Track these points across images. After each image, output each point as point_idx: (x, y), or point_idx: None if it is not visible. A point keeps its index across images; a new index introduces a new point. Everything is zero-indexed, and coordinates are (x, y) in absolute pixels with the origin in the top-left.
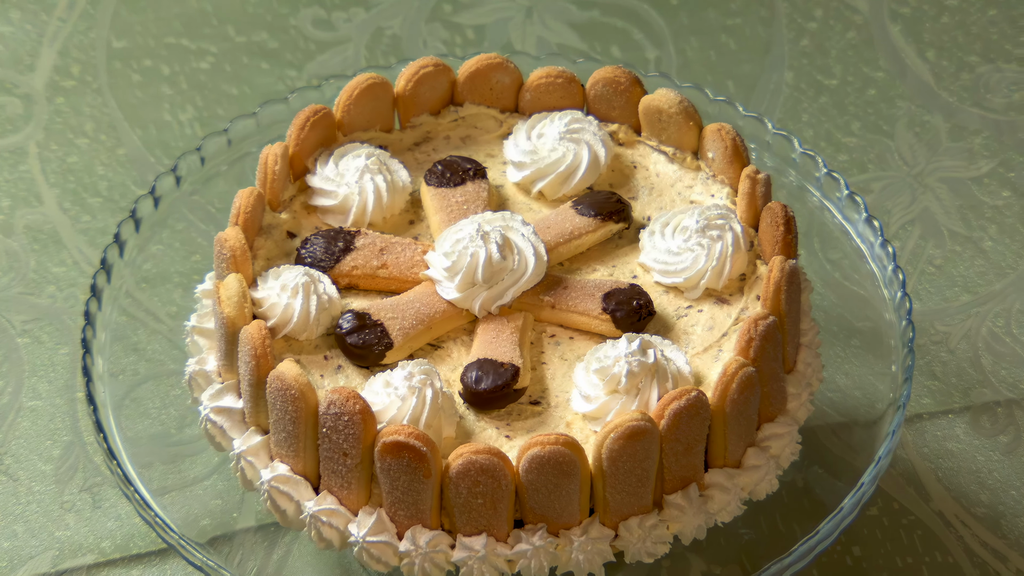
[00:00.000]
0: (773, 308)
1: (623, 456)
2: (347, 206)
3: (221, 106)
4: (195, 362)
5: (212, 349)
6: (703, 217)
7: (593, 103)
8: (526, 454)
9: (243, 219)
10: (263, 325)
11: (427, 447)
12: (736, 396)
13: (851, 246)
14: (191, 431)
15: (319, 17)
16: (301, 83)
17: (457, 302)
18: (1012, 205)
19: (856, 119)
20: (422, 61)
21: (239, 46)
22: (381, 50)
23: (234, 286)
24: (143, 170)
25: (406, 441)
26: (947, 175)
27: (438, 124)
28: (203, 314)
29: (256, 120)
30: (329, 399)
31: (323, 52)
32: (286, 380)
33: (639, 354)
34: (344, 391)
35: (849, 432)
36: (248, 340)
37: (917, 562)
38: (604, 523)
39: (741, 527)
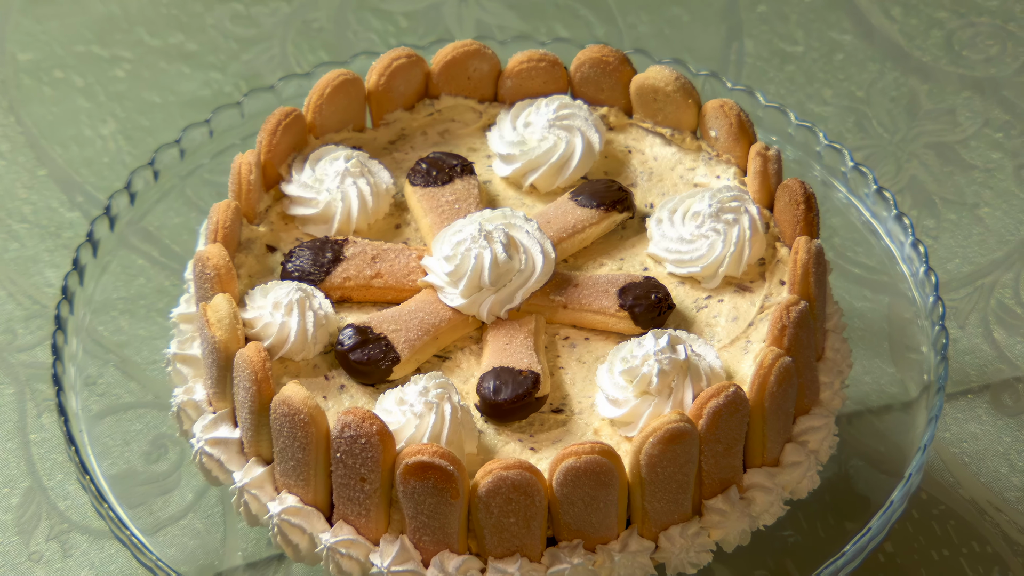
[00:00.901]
0: (803, 292)
1: (663, 461)
2: (330, 213)
3: (145, 116)
4: (182, 392)
5: (198, 377)
6: (715, 200)
7: (579, 86)
8: (560, 466)
9: (222, 234)
10: (261, 347)
11: (454, 466)
12: (775, 389)
13: (880, 246)
14: (158, 468)
15: (237, 13)
16: (228, 86)
17: (463, 308)
18: (1004, 167)
19: (827, 86)
20: (394, 53)
21: (155, 50)
22: (309, 45)
23: (224, 307)
24: (69, 190)
25: (431, 461)
26: (932, 140)
27: (413, 119)
28: (184, 340)
29: (208, 127)
30: (343, 421)
31: (247, 51)
32: (294, 404)
33: (669, 351)
34: (358, 412)
35: (878, 420)
36: (247, 364)
37: (954, 554)
38: (643, 535)
39: (783, 529)
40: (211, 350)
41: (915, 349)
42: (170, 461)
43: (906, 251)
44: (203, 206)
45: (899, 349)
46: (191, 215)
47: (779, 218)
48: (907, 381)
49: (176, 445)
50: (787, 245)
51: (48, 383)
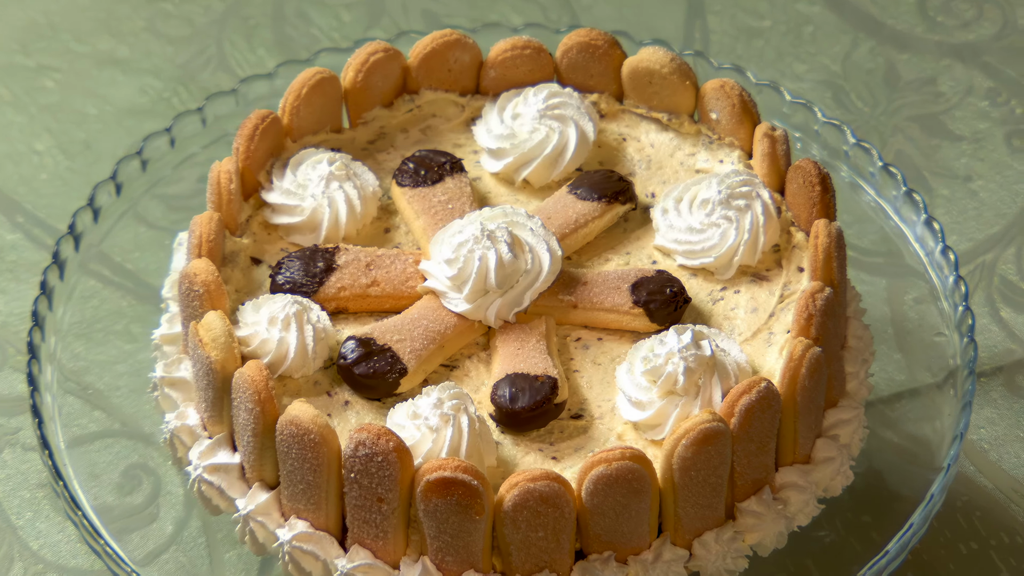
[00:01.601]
0: (826, 278)
1: (696, 464)
2: (316, 221)
3: (81, 128)
4: (175, 417)
5: (189, 401)
6: (725, 186)
7: (566, 73)
8: (589, 475)
9: (207, 248)
10: (262, 365)
11: (478, 480)
12: (807, 382)
13: (878, 226)
14: (133, 500)
15: (167, 13)
16: (167, 92)
17: (468, 314)
18: (993, 136)
19: (799, 61)
20: (370, 47)
21: (84, 57)
22: (248, 43)
23: (218, 325)
24: (8, 211)
25: (454, 477)
26: (915, 112)
27: (392, 117)
28: (170, 363)
29: (169, 137)
30: (357, 439)
31: (181, 52)
32: (302, 424)
33: (693, 347)
34: (372, 428)
35: (889, 409)
36: (248, 384)
37: (983, 547)
38: (676, 543)
39: (817, 529)
40: (206, 371)
41: (924, 332)
42: (145, 492)
43: (918, 230)
44: (152, 220)
45: (903, 334)
46: (139, 230)
47: (792, 201)
48: (915, 367)
49: (150, 475)
50: (803, 230)
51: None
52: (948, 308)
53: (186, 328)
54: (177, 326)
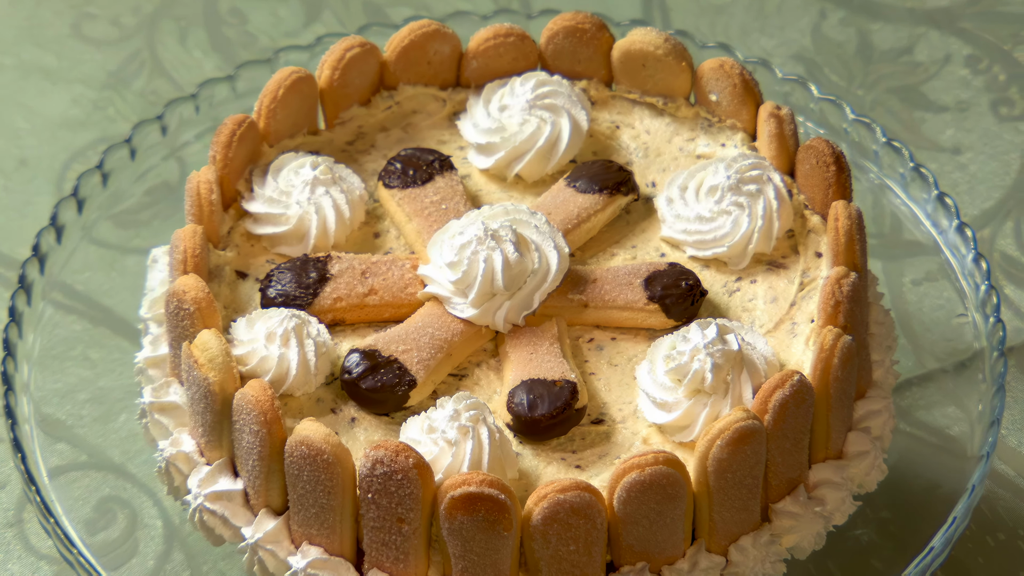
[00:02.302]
0: (848, 262)
1: (732, 465)
2: (303, 229)
3: (14, 144)
4: (169, 444)
5: (182, 426)
6: (734, 171)
7: (552, 60)
8: (622, 482)
9: (193, 264)
10: (266, 384)
11: (505, 494)
12: (839, 373)
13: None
14: (109, 536)
15: (91, 17)
16: (102, 102)
17: (475, 319)
18: (978, 104)
19: (765, 36)
20: (346, 43)
21: (8, 68)
22: (183, 45)
23: (214, 344)
24: None
25: (480, 492)
26: (893, 84)
27: (371, 115)
28: (158, 387)
29: (129, 148)
30: (374, 457)
31: (112, 58)
32: (314, 444)
33: (719, 342)
34: (390, 445)
35: (899, 397)
36: (253, 405)
37: (1011, 537)
38: (711, 549)
39: (853, 527)
40: (203, 394)
41: (924, 315)
42: (121, 527)
43: (930, 207)
44: (99, 238)
45: (905, 317)
46: (89, 249)
47: (804, 183)
48: (921, 353)
49: (124, 507)
50: (818, 212)
51: None
52: (968, 287)
53: (174, 349)
54: (162, 348)
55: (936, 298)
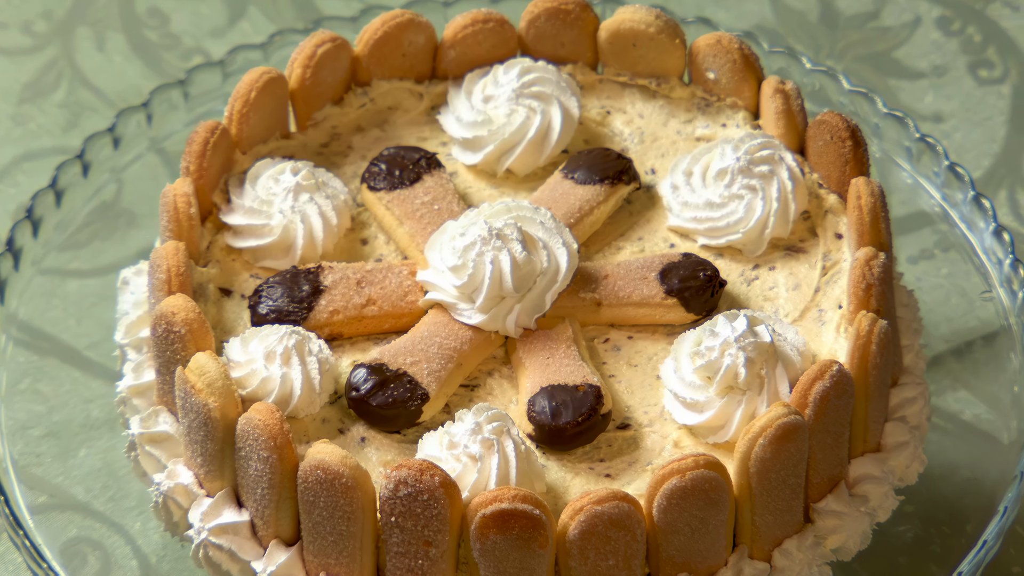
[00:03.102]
0: (875, 241)
1: (776, 465)
2: (289, 240)
3: None
4: (165, 477)
5: (176, 457)
6: (743, 152)
7: (533, 44)
8: (661, 489)
9: (178, 283)
10: (273, 407)
11: (540, 510)
12: (878, 360)
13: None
14: None
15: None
16: (21, 117)
17: (484, 325)
18: (955, 67)
19: (720, 8)
20: (315, 38)
21: None
22: (103, 51)
23: (211, 367)
24: None
25: (513, 508)
26: (862, 52)
27: (344, 114)
28: (146, 417)
29: (81, 164)
30: (396, 478)
31: (26, 68)
32: (331, 468)
33: (750, 335)
34: (413, 464)
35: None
36: (261, 430)
37: None
38: (755, 556)
39: (897, 524)
40: (203, 421)
41: (922, 294)
42: (94, 569)
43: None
44: (36, 261)
45: (903, 295)
46: (27, 273)
47: (817, 161)
48: (925, 335)
49: (96, 548)
50: (834, 191)
51: None
52: (989, 264)
53: (163, 376)
54: (146, 375)
55: (934, 276)
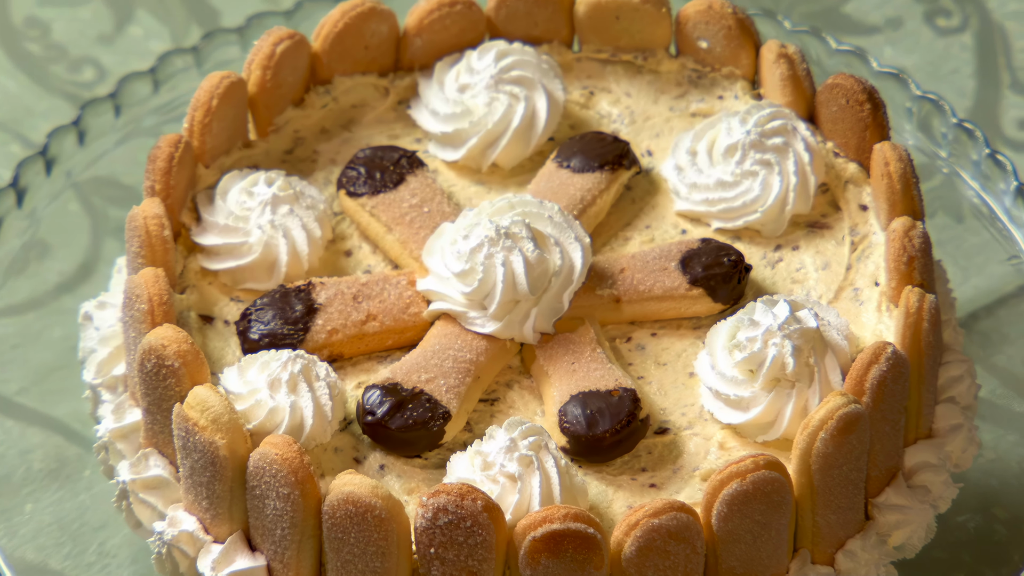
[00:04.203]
0: (909, 209)
1: (838, 460)
2: (271, 257)
3: None
4: (167, 525)
5: (174, 502)
6: (752, 124)
7: (504, 26)
8: (720, 495)
9: (163, 312)
10: (290, 440)
11: (594, 528)
12: (931, 337)
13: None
14: None
15: None
16: None
17: (499, 333)
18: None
19: None
20: (273, 37)
21: None
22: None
23: (214, 401)
24: None
25: (564, 528)
26: (810, 9)
27: (306, 117)
28: (136, 462)
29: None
30: (435, 506)
31: None
32: (362, 500)
33: (794, 322)
34: (452, 488)
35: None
36: (280, 465)
37: None
38: (817, 560)
39: (957, 513)
40: (209, 461)
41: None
42: None
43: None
44: None
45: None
46: None
47: (831, 129)
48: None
49: None
50: (853, 159)
51: None
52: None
53: (153, 415)
54: (129, 416)
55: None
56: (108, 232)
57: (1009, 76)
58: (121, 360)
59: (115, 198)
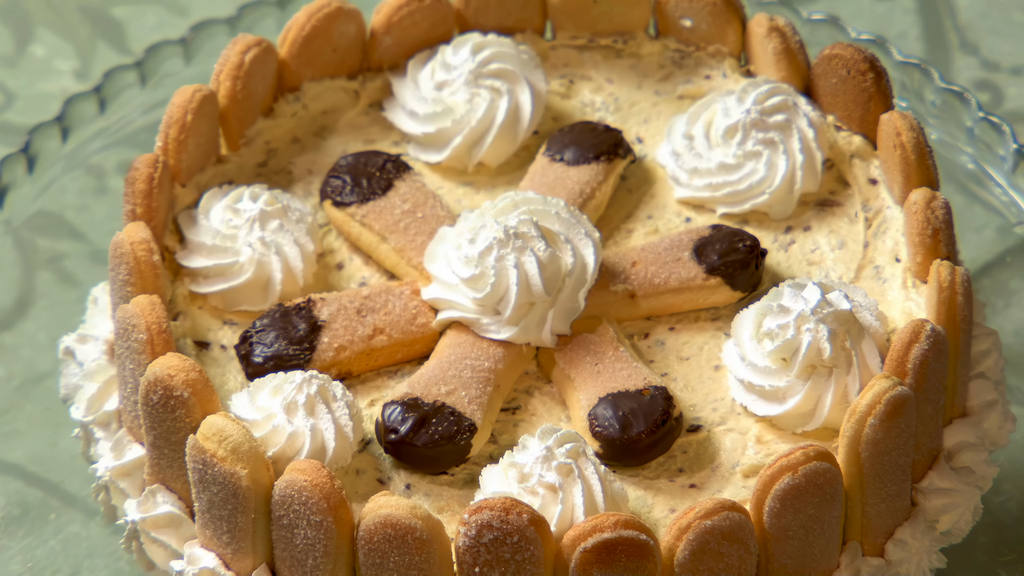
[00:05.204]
0: (925, 180)
1: (888, 445)
2: (264, 276)
3: None
4: (185, 563)
5: (189, 539)
6: (751, 103)
7: (475, 18)
8: (772, 491)
9: (163, 341)
10: (319, 465)
11: (646, 534)
12: (966, 311)
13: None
14: None
15: None
16: None
17: (515, 338)
18: None
19: None
20: (240, 45)
21: None
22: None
23: (232, 429)
24: None
25: (616, 537)
26: None
27: (277, 127)
28: (144, 500)
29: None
30: (479, 522)
31: None
32: (401, 522)
33: (826, 305)
34: (495, 503)
35: None
36: (311, 492)
37: None
38: (868, 552)
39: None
40: (230, 493)
41: None
42: None
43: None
44: None
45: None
46: None
47: (832, 102)
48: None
49: None
50: (857, 132)
51: None
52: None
53: (159, 449)
54: (130, 453)
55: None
56: (39, 264)
57: (957, 37)
58: (112, 394)
59: (43, 228)
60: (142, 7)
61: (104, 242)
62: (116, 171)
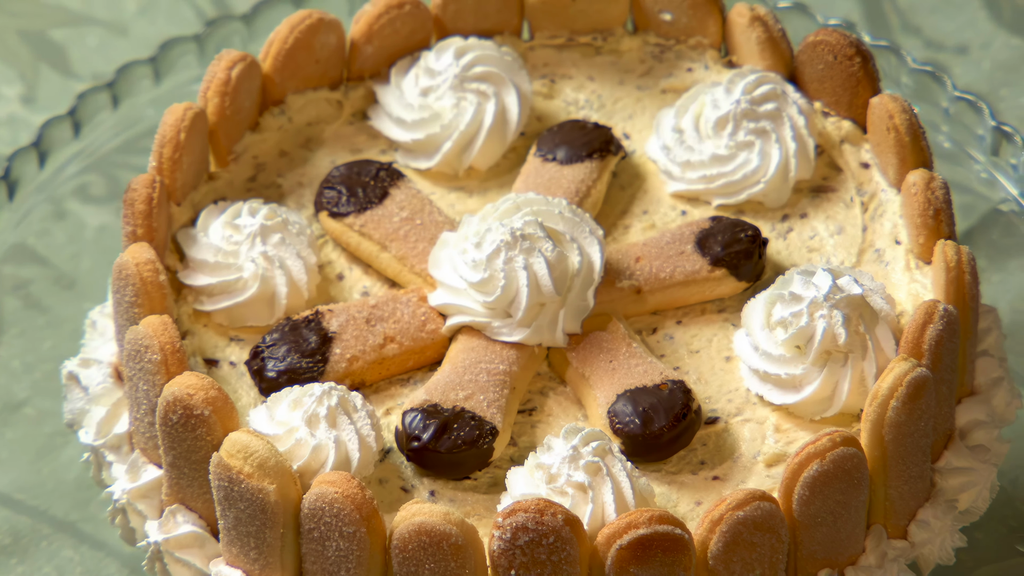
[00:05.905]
0: (920, 161)
1: (910, 428)
2: (269, 291)
3: None
4: None
5: (214, 557)
6: (740, 93)
7: (453, 22)
8: (801, 478)
9: (177, 361)
10: (349, 476)
11: (681, 529)
12: (974, 290)
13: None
14: None
15: None
16: None
17: (527, 340)
18: None
19: None
20: (226, 60)
21: None
22: None
23: (257, 445)
24: None
25: (652, 532)
26: None
27: (263, 141)
28: (164, 520)
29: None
30: (513, 525)
31: None
32: (436, 529)
33: (838, 290)
34: (529, 505)
35: None
36: (343, 503)
37: None
38: (892, 534)
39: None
40: (259, 509)
41: None
42: None
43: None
44: None
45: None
46: None
47: (819, 88)
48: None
49: None
50: (845, 116)
51: None
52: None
53: (179, 468)
54: (146, 475)
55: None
56: (5, 292)
57: (898, 19)
58: (121, 417)
59: (5, 255)
60: (81, 29)
61: (67, 266)
62: (73, 195)
